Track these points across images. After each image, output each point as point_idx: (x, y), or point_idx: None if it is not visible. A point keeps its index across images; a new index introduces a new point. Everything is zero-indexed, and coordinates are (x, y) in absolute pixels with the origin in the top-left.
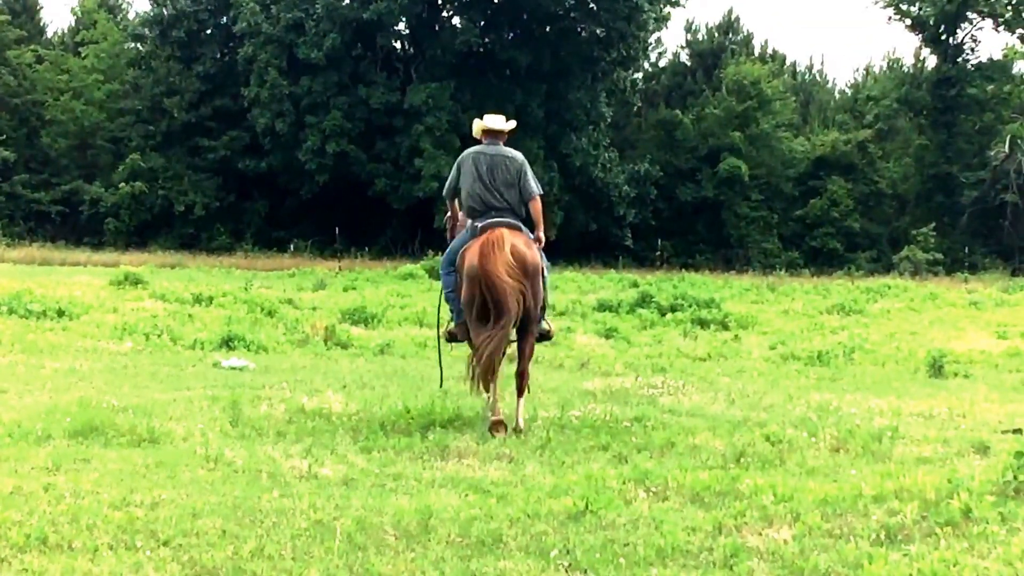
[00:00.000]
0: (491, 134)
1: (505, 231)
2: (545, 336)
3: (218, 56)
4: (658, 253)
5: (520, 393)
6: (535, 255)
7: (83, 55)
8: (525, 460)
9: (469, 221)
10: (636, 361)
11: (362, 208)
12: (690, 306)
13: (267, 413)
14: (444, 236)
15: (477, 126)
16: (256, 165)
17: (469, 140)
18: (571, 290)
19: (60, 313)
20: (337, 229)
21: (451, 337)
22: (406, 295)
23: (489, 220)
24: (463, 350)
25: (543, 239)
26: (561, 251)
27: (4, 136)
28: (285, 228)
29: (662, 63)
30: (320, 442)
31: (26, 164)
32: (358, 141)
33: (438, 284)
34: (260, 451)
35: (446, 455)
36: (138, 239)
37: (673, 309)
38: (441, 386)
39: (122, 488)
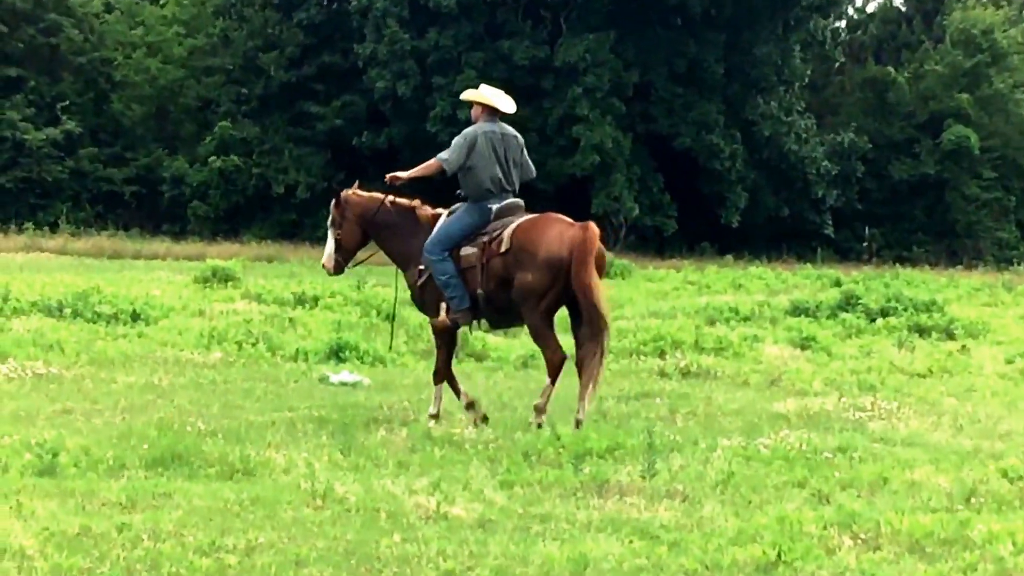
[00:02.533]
0: (494, 113)
1: (594, 228)
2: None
3: (325, 3)
4: (865, 244)
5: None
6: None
7: (161, 3)
8: (702, 499)
9: (473, 202)
10: (839, 377)
11: None
12: (906, 310)
13: (385, 439)
14: (604, 222)
15: (477, 97)
16: (373, 138)
17: (633, 103)
18: (758, 289)
19: (134, 317)
20: None
21: (454, 325)
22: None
23: (505, 203)
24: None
25: None
26: (746, 241)
27: (67, 102)
28: None
29: (870, 7)
30: (450, 475)
31: (93, 135)
32: None
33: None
34: (377, 486)
35: (605, 492)
36: (228, 227)
37: (884, 313)
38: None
39: (211, 530)
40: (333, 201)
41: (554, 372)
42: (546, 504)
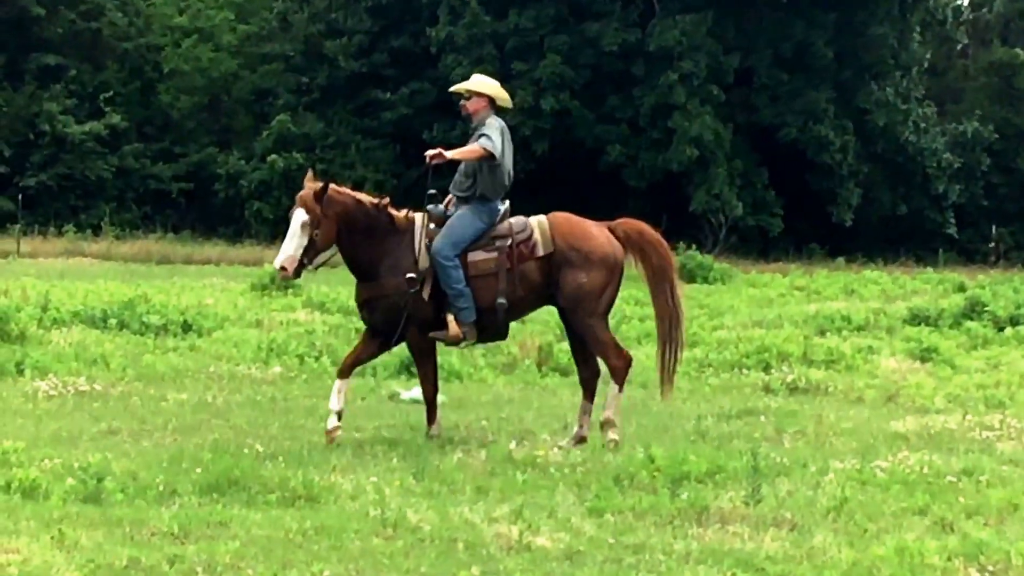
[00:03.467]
0: (495, 107)
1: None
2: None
3: None
4: (992, 245)
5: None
6: None
7: None
8: (812, 527)
9: (483, 202)
10: (963, 393)
11: (587, 185)
12: None
13: (462, 462)
14: (702, 221)
15: (485, 88)
16: (445, 129)
17: (734, 90)
18: (873, 295)
19: (185, 328)
20: None
21: (461, 339)
22: (645, 302)
23: (507, 204)
24: None
25: None
26: (859, 242)
27: (111, 92)
28: None
29: None
30: (534, 502)
31: (139, 129)
32: (583, 95)
33: (690, 288)
34: (454, 513)
35: (704, 519)
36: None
37: (1015, 322)
38: None
39: (271, 562)
40: (313, 195)
41: (620, 378)
42: (640, 533)
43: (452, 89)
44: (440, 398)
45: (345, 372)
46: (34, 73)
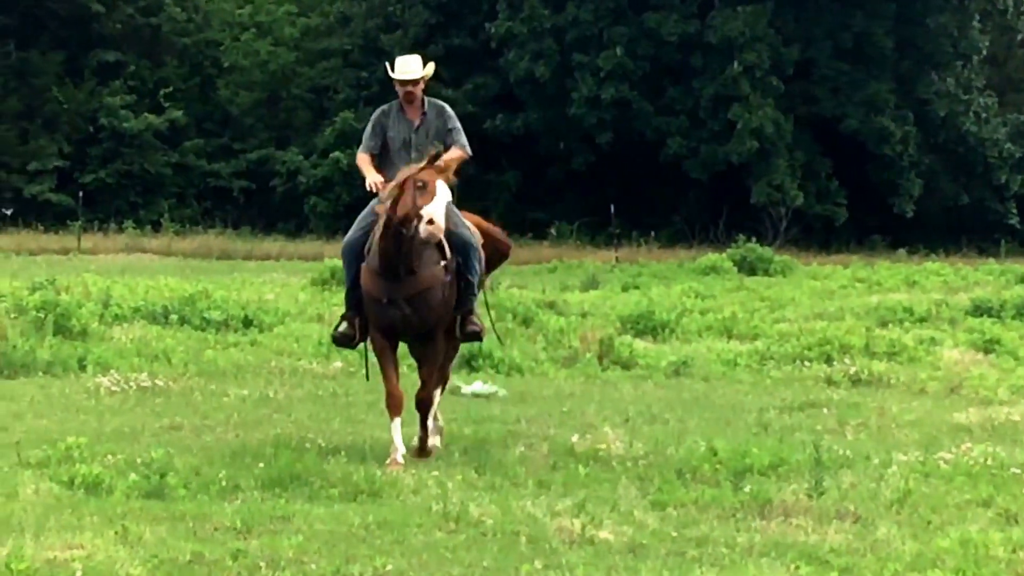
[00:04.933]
0: None
1: None
2: None
3: None
4: None
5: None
6: None
7: None
8: (876, 519)
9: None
10: None
11: (647, 178)
12: None
13: (524, 456)
14: (761, 214)
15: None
16: (507, 124)
17: (794, 82)
18: (935, 287)
19: (246, 323)
20: (612, 207)
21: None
22: (707, 296)
23: None
24: None
25: None
26: (920, 233)
27: (170, 88)
28: (543, 207)
29: None
30: (596, 495)
31: (199, 125)
32: (641, 87)
33: (750, 280)
34: (516, 507)
35: (767, 512)
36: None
37: None
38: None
39: (334, 556)
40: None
41: None
42: (702, 526)
43: (407, 77)
44: (502, 392)
45: (397, 409)
46: (94, 69)
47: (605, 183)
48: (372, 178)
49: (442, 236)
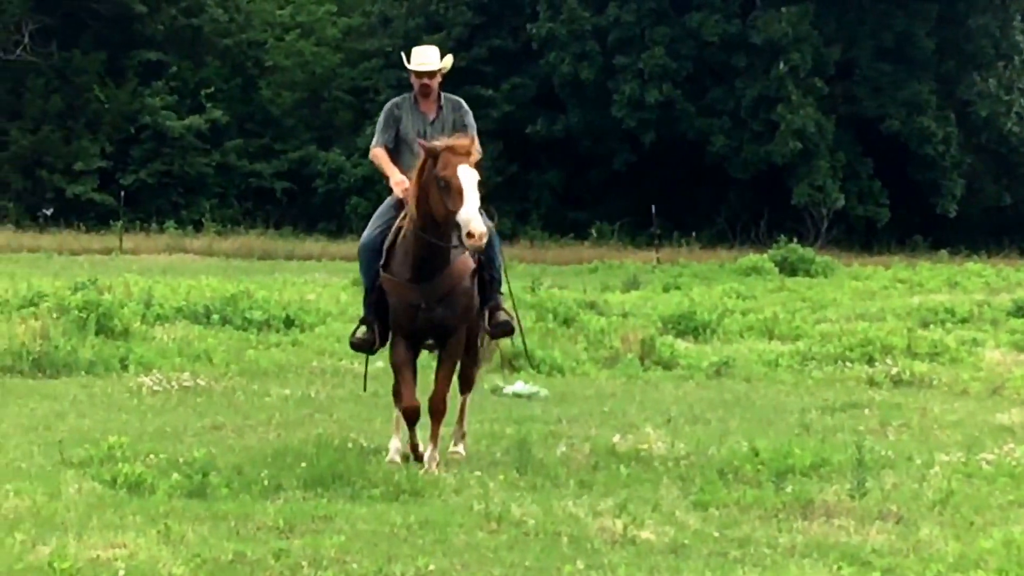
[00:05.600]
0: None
1: None
2: None
3: None
4: None
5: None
6: None
7: None
8: (918, 520)
9: None
10: None
11: (688, 179)
12: None
13: (566, 456)
14: (803, 215)
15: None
16: (548, 125)
17: (835, 82)
18: (977, 288)
19: (288, 323)
20: (653, 208)
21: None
22: (749, 296)
23: None
24: None
25: None
26: (962, 234)
27: (212, 88)
28: (585, 207)
29: None
30: (638, 495)
31: (241, 126)
32: (684, 87)
33: (791, 281)
34: (558, 507)
35: (809, 513)
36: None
37: None
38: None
39: (376, 556)
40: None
41: None
42: (744, 527)
43: (424, 69)
44: (543, 392)
45: (413, 420)
46: (135, 69)
47: (646, 184)
48: (396, 178)
49: (484, 243)
